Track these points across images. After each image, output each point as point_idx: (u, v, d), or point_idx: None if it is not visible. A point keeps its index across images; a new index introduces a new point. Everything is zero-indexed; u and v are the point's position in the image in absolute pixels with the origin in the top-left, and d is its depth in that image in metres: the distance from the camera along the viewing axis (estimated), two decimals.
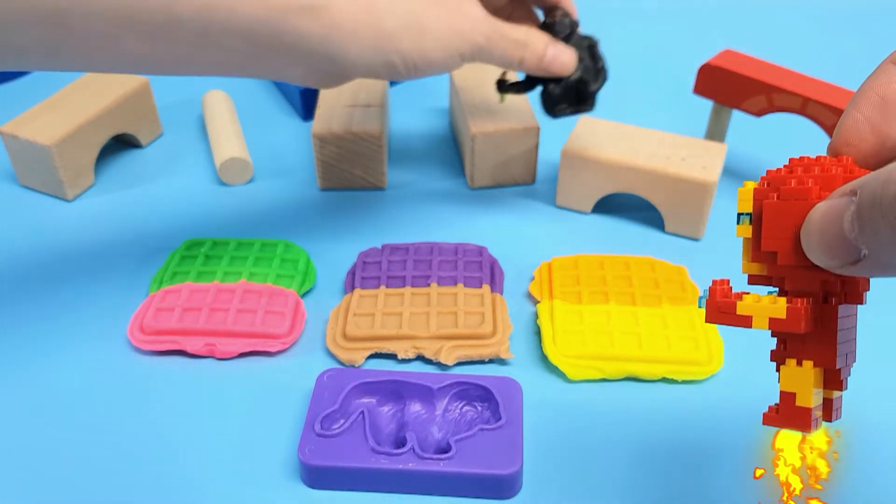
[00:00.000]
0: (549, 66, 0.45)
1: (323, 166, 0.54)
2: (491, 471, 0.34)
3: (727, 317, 0.26)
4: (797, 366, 0.26)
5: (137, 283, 0.46)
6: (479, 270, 0.46)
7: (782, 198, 0.25)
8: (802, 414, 0.26)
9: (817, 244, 0.23)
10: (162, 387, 0.40)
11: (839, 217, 0.22)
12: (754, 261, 0.26)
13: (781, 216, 0.25)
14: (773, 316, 0.25)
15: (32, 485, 0.35)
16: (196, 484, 0.35)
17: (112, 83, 0.57)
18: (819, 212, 0.23)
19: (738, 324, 0.26)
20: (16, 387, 0.40)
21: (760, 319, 0.26)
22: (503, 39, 0.43)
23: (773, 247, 0.25)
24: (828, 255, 0.23)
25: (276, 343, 0.42)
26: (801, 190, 0.24)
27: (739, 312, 0.26)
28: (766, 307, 0.25)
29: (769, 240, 0.25)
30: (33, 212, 0.53)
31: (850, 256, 0.22)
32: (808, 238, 0.24)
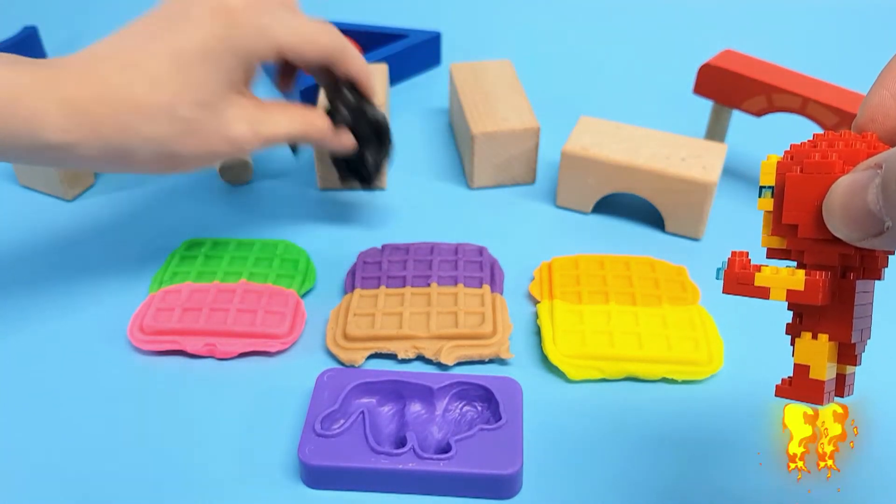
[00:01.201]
0: (329, 146, 0.46)
1: (323, 166, 0.54)
2: (491, 471, 0.34)
3: (745, 288, 0.26)
4: (812, 339, 0.26)
5: (137, 283, 0.46)
6: (479, 270, 0.46)
7: (805, 171, 0.24)
8: (815, 387, 0.26)
9: (840, 216, 0.23)
10: (162, 387, 0.40)
11: (863, 189, 0.22)
12: (774, 234, 0.26)
13: (804, 189, 0.24)
14: (791, 287, 0.25)
15: (33, 484, 0.35)
16: (196, 483, 0.35)
17: None
18: (843, 185, 0.23)
19: (756, 295, 0.26)
20: (16, 386, 0.40)
21: (778, 291, 0.26)
22: (272, 140, 0.42)
23: (795, 219, 0.25)
24: (850, 227, 0.23)
25: (276, 343, 0.42)
26: (824, 163, 0.24)
27: (758, 284, 0.26)
28: (785, 279, 0.25)
29: (791, 212, 0.25)
30: (33, 212, 0.53)
31: (873, 228, 0.22)
32: (830, 210, 0.24)
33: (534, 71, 0.68)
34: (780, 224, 0.26)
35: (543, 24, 0.80)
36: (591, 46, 0.76)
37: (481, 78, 0.59)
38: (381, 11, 0.79)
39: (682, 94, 0.61)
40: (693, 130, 0.58)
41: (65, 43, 0.75)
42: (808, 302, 0.25)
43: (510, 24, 0.80)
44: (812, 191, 0.24)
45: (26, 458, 0.37)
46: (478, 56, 0.68)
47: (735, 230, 0.51)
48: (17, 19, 0.76)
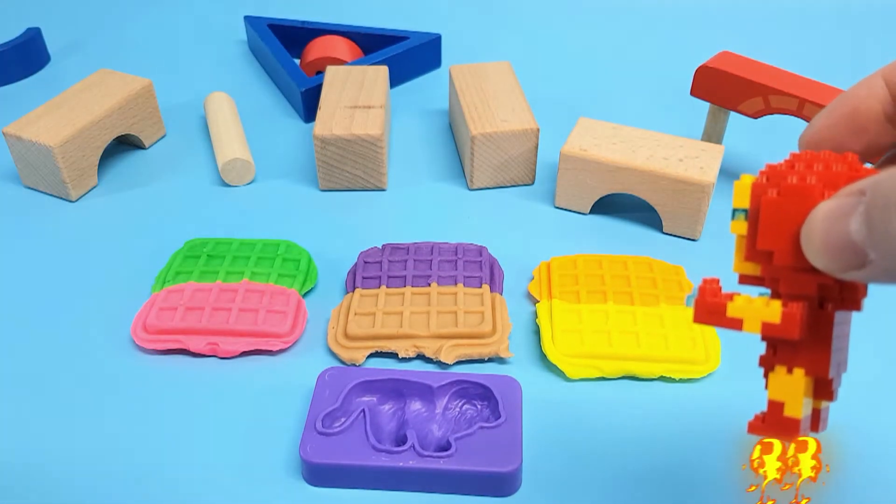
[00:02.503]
0: None
1: (324, 167, 0.54)
2: (490, 468, 0.34)
3: (716, 318, 0.25)
4: (787, 374, 0.24)
5: (141, 282, 0.47)
6: (478, 270, 0.46)
7: (783, 195, 0.23)
8: (790, 424, 0.24)
9: (820, 246, 0.21)
10: (165, 385, 0.41)
11: (845, 218, 0.20)
12: (748, 259, 0.24)
13: (781, 214, 0.23)
14: (767, 320, 0.23)
15: (36, 483, 0.36)
16: (198, 481, 0.36)
17: (115, 85, 0.58)
18: (822, 211, 0.22)
19: (728, 326, 0.24)
20: (20, 385, 0.41)
21: (752, 323, 0.24)
22: None
23: (770, 246, 0.23)
24: (830, 258, 0.21)
25: (277, 342, 0.42)
26: (803, 187, 0.22)
27: (730, 315, 0.24)
28: (759, 310, 0.24)
29: (766, 238, 0.23)
30: (37, 212, 0.53)
31: (854, 261, 0.20)
32: (809, 239, 0.22)
33: (533, 73, 0.68)
34: (754, 250, 0.24)
35: (542, 26, 0.80)
36: (589, 49, 0.76)
37: (481, 80, 0.59)
38: (381, 14, 0.79)
39: (680, 96, 0.61)
40: (690, 132, 0.59)
41: (68, 45, 0.76)
42: (785, 336, 0.23)
43: (509, 26, 0.80)
44: (789, 216, 0.23)
45: (29, 457, 0.37)
46: (477, 58, 0.69)
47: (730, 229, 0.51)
48: (20, 21, 0.76)
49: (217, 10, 0.82)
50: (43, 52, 0.72)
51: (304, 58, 0.69)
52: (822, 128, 0.26)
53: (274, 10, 0.79)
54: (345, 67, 0.62)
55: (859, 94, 0.25)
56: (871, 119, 0.25)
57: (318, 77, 0.64)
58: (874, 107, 0.25)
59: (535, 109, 0.56)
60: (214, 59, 0.74)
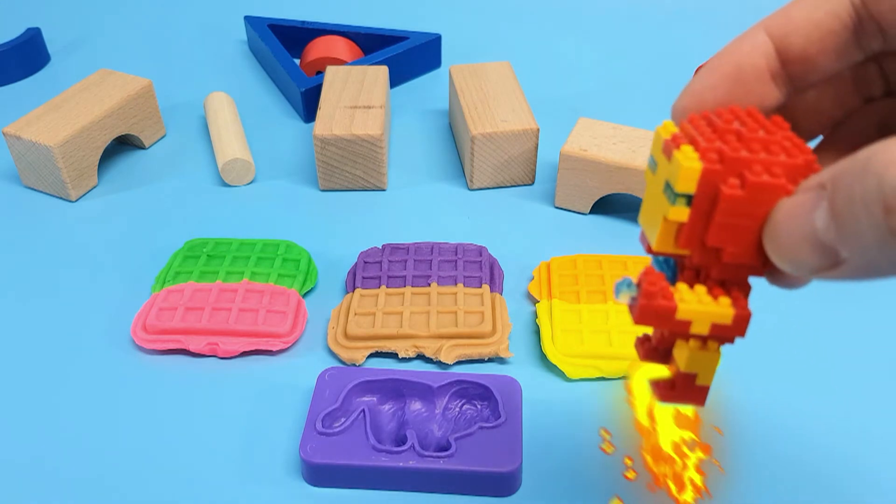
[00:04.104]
0: None
1: (324, 167, 0.54)
2: (490, 468, 0.34)
3: (662, 321, 0.22)
4: (702, 348, 0.23)
5: (140, 282, 0.47)
6: (478, 270, 0.46)
7: (749, 190, 0.20)
8: (701, 393, 0.24)
9: (786, 249, 0.20)
10: (165, 385, 0.41)
11: (809, 216, 0.19)
12: (684, 247, 0.22)
13: (741, 211, 0.21)
14: (718, 322, 0.22)
15: (36, 483, 0.36)
16: (198, 481, 0.36)
17: (115, 85, 0.58)
18: (783, 211, 0.20)
19: (672, 328, 0.23)
20: (20, 385, 0.41)
21: (701, 325, 0.22)
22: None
23: (721, 243, 0.21)
24: (800, 261, 0.19)
25: (277, 342, 0.42)
26: (774, 185, 0.20)
27: (679, 318, 0.22)
28: (710, 313, 0.22)
29: (719, 235, 0.21)
30: (37, 212, 0.53)
31: (826, 261, 0.19)
32: (774, 242, 0.20)
33: (533, 73, 0.68)
34: (695, 241, 0.22)
35: (542, 26, 0.80)
36: (589, 48, 0.76)
37: (481, 79, 0.59)
38: (381, 14, 0.79)
39: None
40: None
41: (68, 45, 0.76)
42: (732, 335, 0.23)
43: (509, 26, 0.80)
44: (749, 213, 0.21)
45: (29, 457, 0.37)
46: (477, 58, 0.69)
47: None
48: (20, 21, 0.76)
49: (217, 10, 0.82)
50: (43, 52, 0.72)
51: (304, 58, 0.69)
52: (703, 90, 0.23)
53: (274, 10, 0.79)
54: (345, 67, 0.62)
55: (742, 51, 0.23)
56: (756, 77, 0.23)
57: (318, 77, 0.64)
58: (759, 63, 0.23)
59: (535, 109, 0.56)
60: (214, 59, 0.74)
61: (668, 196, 0.21)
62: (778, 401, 0.40)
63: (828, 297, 0.45)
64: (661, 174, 0.22)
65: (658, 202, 0.22)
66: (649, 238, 0.23)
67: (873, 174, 0.17)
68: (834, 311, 0.45)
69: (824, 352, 0.43)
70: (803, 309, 0.45)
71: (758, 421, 0.38)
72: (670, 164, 0.21)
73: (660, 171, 0.22)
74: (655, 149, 0.23)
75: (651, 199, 0.23)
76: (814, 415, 0.39)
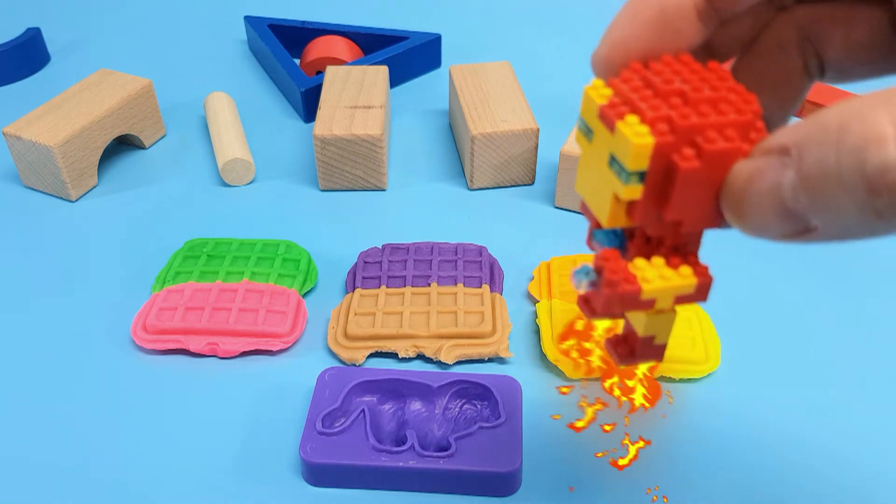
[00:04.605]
0: None
1: (324, 167, 0.54)
2: (490, 468, 0.34)
3: (628, 305, 0.21)
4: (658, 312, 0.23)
5: (140, 282, 0.47)
6: (478, 270, 0.46)
7: (706, 160, 0.19)
8: (659, 349, 0.24)
9: (750, 218, 0.19)
10: (165, 386, 0.41)
11: (774, 184, 0.18)
12: (639, 222, 0.21)
13: (699, 181, 0.19)
14: (681, 294, 0.21)
15: (35, 482, 0.36)
16: (198, 481, 0.36)
17: (115, 85, 0.58)
18: (742, 177, 0.19)
19: (636, 308, 0.22)
20: (20, 385, 0.41)
21: (665, 301, 0.21)
22: None
23: (681, 216, 0.20)
24: (764, 229, 0.19)
25: (277, 342, 0.42)
26: (731, 150, 0.19)
27: (644, 298, 0.21)
28: (674, 287, 0.21)
29: (678, 209, 0.20)
30: (37, 212, 0.53)
31: (794, 228, 0.18)
32: (736, 210, 0.19)
33: (533, 72, 0.68)
34: (650, 214, 0.20)
35: (542, 26, 0.80)
36: (589, 48, 0.76)
37: (481, 79, 0.59)
38: (381, 14, 0.79)
39: None
40: None
41: (68, 45, 0.76)
42: (695, 301, 0.22)
43: (509, 26, 0.80)
44: (707, 181, 0.19)
45: (29, 457, 0.37)
46: (477, 58, 0.69)
47: (732, 230, 0.51)
48: (20, 21, 0.76)
49: (217, 10, 0.82)
50: (43, 52, 0.72)
51: (304, 58, 0.69)
52: (626, 38, 0.22)
53: (274, 10, 0.79)
54: (345, 67, 0.62)
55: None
56: (682, 18, 0.22)
57: (318, 77, 0.64)
58: (685, 3, 0.22)
59: (534, 109, 0.56)
60: (214, 59, 0.74)
61: (618, 173, 0.20)
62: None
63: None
64: (602, 145, 0.20)
65: (602, 175, 0.21)
66: (597, 214, 0.22)
67: (852, 152, 0.16)
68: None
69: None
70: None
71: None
72: (615, 139, 0.20)
73: (598, 140, 0.21)
74: (588, 113, 0.21)
75: (591, 169, 0.21)
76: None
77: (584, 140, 0.21)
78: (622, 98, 0.20)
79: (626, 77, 0.21)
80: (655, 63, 0.21)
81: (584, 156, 0.22)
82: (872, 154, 0.16)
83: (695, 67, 0.21)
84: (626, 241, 0.23)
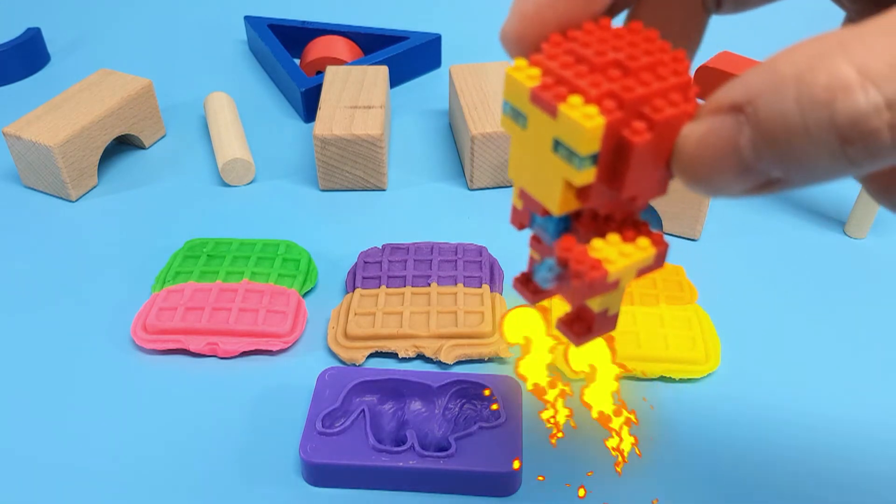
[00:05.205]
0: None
1: (324, 167, 0.54)
2: (490, 469, 0.34)
3: (593, 292, 0.21)
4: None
5: (140, 282, 0.47)
6: (478, 270, 0.46)
7: (657, 129, 0.18)
8: (612, 320, 0.23)
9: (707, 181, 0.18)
10: (165, 386, 0.41)
11: (730, 144, 0.17)
12: (594, 204, 0.20)
13: (651, 152, 0.18)
14: (642, 266, 0.21)
15: (35, 482, 0.36)
16: (198, 482, 0.36)
17: (115, 85, 0.58)
18: (693, 140, 0.18)
19: (605, 291, 0.21)
20: (20, 385, 0.41)
21: (628, 277, 0.21)
22: None
23: (636, 190, 0.19)
24: (722, 189, 0.18)
25: (277, 342, 0.42)
26: (680, 115, 0.18)
27: (611, 280, 0.20)
28: (636, 262, 0.20)
29: (634, 184, 0.19)
30: (37, 212, 0.53)
31: (754, 182, 0.18)
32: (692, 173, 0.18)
33: None
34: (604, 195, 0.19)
35: None
36: None
37: (481, 79, 0.59)
38: (381, 14, 0.79)
39: None
40: None
41: (68, 45, 0.76)
42: (653, 270, 0.21)
43: None
44: (659, 151, 0.18)
45: (29, 457, 0.37)
46: (477, 58, 0.69)
47: (732, 230, 0.51)
48: (20, 21, 0.76)
49: (217, 10, 0.82)
50: (43, 52, 0.72)
51: (304, 58, 0.69)
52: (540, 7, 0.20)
53: (274, 10, 0.79)
54: (345, 67, 0.62)
55: None
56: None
57: (318, 77, 0.64)
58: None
59: None
60: (214, 59, 0.74)
61: (568, 159, 0.18)
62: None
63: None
64: (541, 130, 0.19)
65: (545, 161, 0.19)
66: (545, 202, 0.20)
67: (819, 105, 0.15)
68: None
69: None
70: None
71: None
72: (559, 123, 0.18)
73: (535, 125, 0.19)
74: (515, 96, 0.19)
75: (529, 156, 0.20)
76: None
77: (514, 126, 0.20)
78: (554, 77, 0.19)
79: (550, 53, 0.19)
80: (576, 33, 0.20)
81: (516, 143, 0.20)
82: (841, 104, 0.15)
83: (619, 32, 0.20)
84: (572, 221, 0.22)
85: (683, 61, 0.19)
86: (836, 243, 0.50)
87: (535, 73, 0.19)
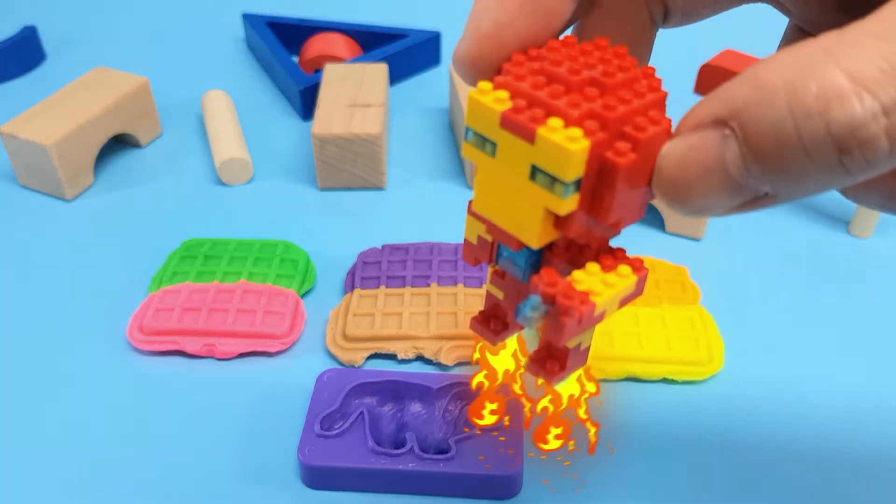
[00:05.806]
0: None
1: (323, 166, 0.54)
2: (490, 471, 0.34)
3: (582, 327, 0.20)
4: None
5: (137, 283, 0.46)
6: (479, 270, 0.46)
7: (640, 150, 0.17)
8: (584, 354, 0.22)
9: (692, 201, 0.17)
10: (161, 387, 0.40)
11: (717, 160, 0.16)
12: (575, 235, 0.19)
13: (634, 174, 0.18)
14: (625, 295, 0.20)
15: (32, 484, 0.35)
16: (195, 484, 0.35)
17: (111, 83, 0.57)
18: (675, 159, 0.17)
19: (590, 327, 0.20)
20: (15, 386, 0.40)
21: (612, 308, 0.20)
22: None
23: (621, 215, 0.18)
24: (709, 208, 0.17)
25: (275, 343, 0.42)
26: (661, 133, 0.17)
27: (598, 312, 0.20)
28: (620, 291, 0.20)
29: (619, 209, 0.18)
30: (32, 212, 0.53)
31: (742, 199, 0.17)
32: (676, 194, 0.17)
33: None
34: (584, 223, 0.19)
35: None
36: None
37: None
38: (380, 11, 0.79)
39: (683, 94, 0.61)
40: None
41: (63, 43, 0.75)
42: (634, 298, 0.21)
43: None
44: (639, 172, 0.18)
45: (25, 458, 0.37)
46: None
47: (734, 230, 0.51)
48: (15, 19, 0.76)
49: (214, 7, 0.82)
50: (38, 51, 0.71)
51: (302, 56, 0.68)
52: (498, 26, 0.19)
53: (272, 7, 0.79)
54: (343, 65, 0.61)
55: None
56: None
57: (317, 75, 0.63)
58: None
59: None
60: (212, 57, 0.74)
61: (550, 187, 0.17)
62: None
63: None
64: (514, 157, 0.18)
65: (520, 191, 0.18)
66: (521, 236, 0.19)
67: (813, 115, 0.15)
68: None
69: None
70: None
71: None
72: (538, 149, 0.17)
73: (508, 153, 0.18)
74: (481, 122, 0.18)
75: (500, 186, 0.19)
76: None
77: (480, 155, 0.19)
78: (526, 98, 0.18)
79: (517, 73, 0.18)
80: (540, 51, 0.19)
81: (483, 173, 0.19)
82: (836, 112, 0.15)
83: (586, 49, 0.19)
84: (545, 253, 0.21)
85: (655, 77, 0.19)
86: (840, 243, 0.50)
87: (502, 95, 0.18)
